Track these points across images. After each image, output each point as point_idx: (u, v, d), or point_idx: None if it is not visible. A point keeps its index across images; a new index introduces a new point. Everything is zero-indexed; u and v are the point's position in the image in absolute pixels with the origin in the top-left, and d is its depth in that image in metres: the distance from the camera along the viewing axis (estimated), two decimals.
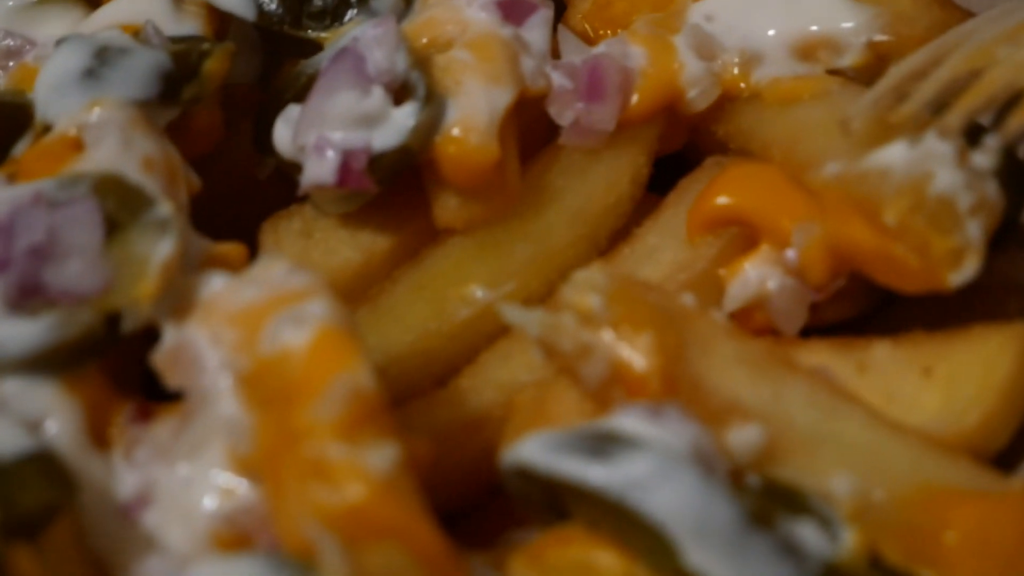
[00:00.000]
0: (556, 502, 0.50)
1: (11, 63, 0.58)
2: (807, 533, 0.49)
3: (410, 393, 0.55)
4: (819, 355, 0.57)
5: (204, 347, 0.52)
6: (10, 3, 0.60)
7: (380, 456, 0.47)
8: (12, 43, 0.58)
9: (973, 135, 0.56)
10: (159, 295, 0.52)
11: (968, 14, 0.58)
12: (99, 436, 0.52)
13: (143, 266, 0.53)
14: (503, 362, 0.57)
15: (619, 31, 0.61)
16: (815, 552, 0.48)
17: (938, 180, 0.55)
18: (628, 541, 0.48)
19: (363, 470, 0.47)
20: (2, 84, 0.57)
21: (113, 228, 0.53)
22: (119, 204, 0.53)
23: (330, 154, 0.55)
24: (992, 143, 0.56)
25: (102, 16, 0.60)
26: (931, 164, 0.56)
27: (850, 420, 0.53)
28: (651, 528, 0.46)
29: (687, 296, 0.55)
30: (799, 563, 0.48)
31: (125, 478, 0.51)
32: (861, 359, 0.56)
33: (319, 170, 0.56)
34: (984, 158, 0.56)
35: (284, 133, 0.57)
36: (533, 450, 0.50)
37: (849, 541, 0.49)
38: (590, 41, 0.62)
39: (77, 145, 0.53)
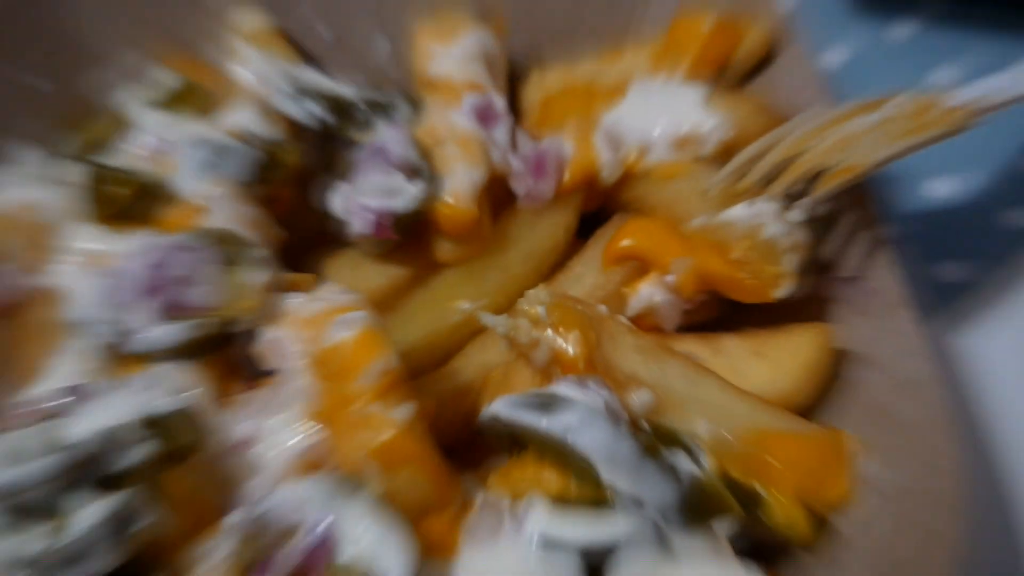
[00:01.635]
0: (517, 440, 0.54)
1: (156, 156, 0.61)
2: (680, 460, 0.54)
3: (420, 371, 0.59)
4: (688, 345, 0.60)
5: (287, 342, 0.56)
6: (156, 114, 0.63)
7: (402, 411, 0.52)
8: (160, 144, 0.61)
9: (790, 199, 0.60)
10: (259, 308, 0.57)
11: (784, 119, 0.61)
12: (221, 400, 0.56)
13: (248, 289, 0.57)
14: (481, 351, 0.61)
15: (556, 132, 0.64)
16: (686, 472, 0.53)
17: (767, 229, 0.60)
18: (564, 465, 0.52)
19: (392, 420, 0.51)
20: (151, 169, 0.61)
21: (228, 264, 0.57)
22: (232, 249, 0.57)
23: (368, 216, 0.59)
24: (802, 204, 0.60)
25: (220, 123, 0.63)
26: (762, 218, 0.60)
27: (708, 387, 0.57)
28: (579, 457, 0.51)
29: (602, 307, 0.59)
30: (676, 479, 0.52)
31: (237, 427, 0.55)
32: (716, 347, 0.60)
33: (361, 226, 0.59)
34: (797, 214, 0.60)
35: (337, 201, 0.61)
36: (501, 407, 0.54)
37: (708, 465, 0.54)
38: (537, 138, 0.65)
39: (203, 210, 0.57)
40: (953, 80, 0.74)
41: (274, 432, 0.55)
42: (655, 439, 0.54)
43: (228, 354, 0.58)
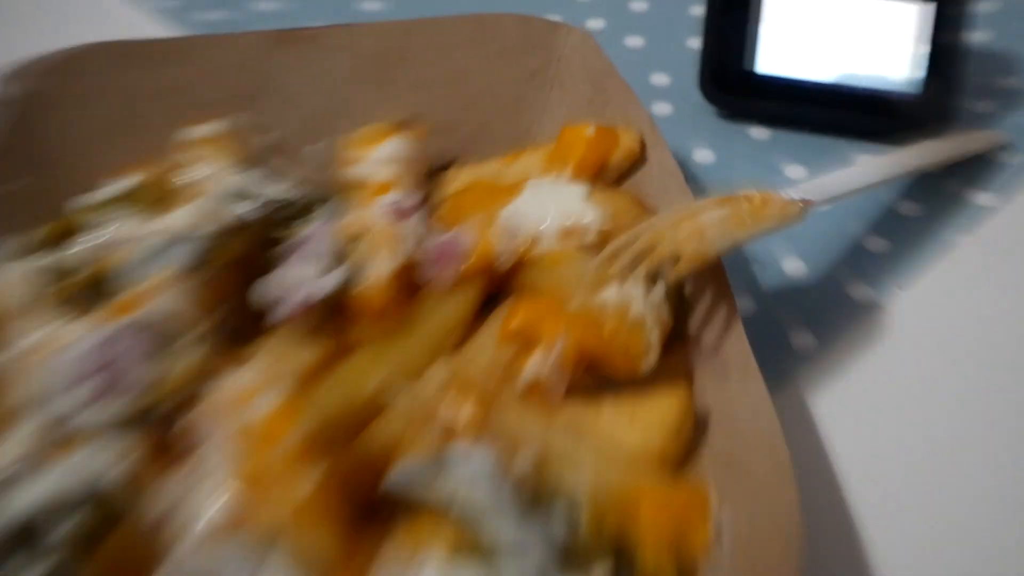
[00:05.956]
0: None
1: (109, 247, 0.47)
2: (560, 512, 0.41)
3: (339, 438, 0.43)
4: (573, 407, 0.48)
5: (215, 416, 0.41)
6: (111, 210, 0.50)
7: (316, 473, 0.38)
8: (113, 238, 0.48)
9: (652, 280, 0.50)
10: (189, 388, 0.42)
11: (652, 211, 0.54)
12: (151, 470, 0.40)
13: (181, 370, 0.42)
14: (392, 420, 0.45)
15: (463, 223, 0.52)
16: (566, 523, 0.41)
17: (633, 308, 0.49)
18: (456, 520, 0.40)
19: (306, 482, 0.38)
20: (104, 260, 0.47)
21: (165, 346, 0.43)
22: (170, 331, 0.43)
23: (293, 300, 0.46)
24: (662, 284, 0.50)
25: (170, 217, 0.48)
26: (629, 299, 0.49)
27: (587, 448, 0.45)
28: (468, 513, 0.39)
29: (493, 380, 0.46)
30: (557, 530, 0.40)
31: (164, 495, 0.40)
32: (596, 409, 0.48)
33: (286, 309, 0.46)
34: (657, 294, 0.50)
35: (267, 288, 0.47)
36: (397, 475, 0.41)
37: (585, 516, 0.41)
38: (448, 226, 0.53)
39: (148, 295, 0.44)
40: (801, 174, 0.65)
41: (200, 497, 0.42)
42: (539, 493, 0.43)
43: (159, 429, 0.46)
